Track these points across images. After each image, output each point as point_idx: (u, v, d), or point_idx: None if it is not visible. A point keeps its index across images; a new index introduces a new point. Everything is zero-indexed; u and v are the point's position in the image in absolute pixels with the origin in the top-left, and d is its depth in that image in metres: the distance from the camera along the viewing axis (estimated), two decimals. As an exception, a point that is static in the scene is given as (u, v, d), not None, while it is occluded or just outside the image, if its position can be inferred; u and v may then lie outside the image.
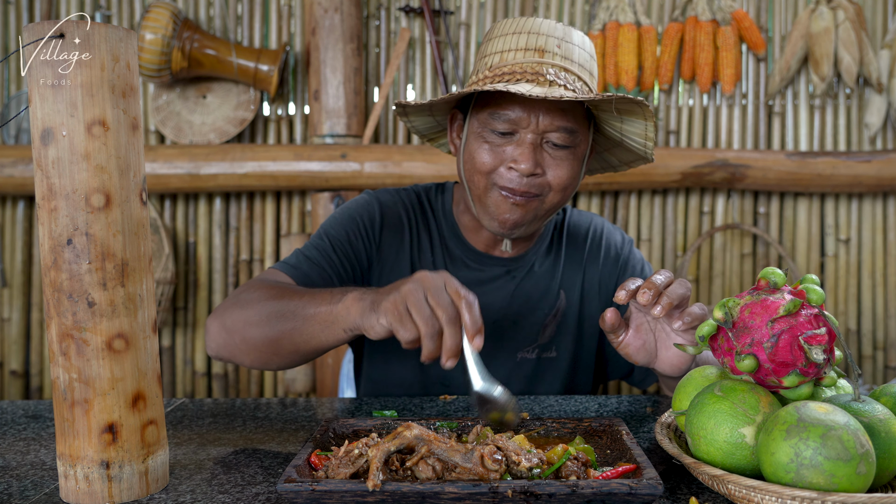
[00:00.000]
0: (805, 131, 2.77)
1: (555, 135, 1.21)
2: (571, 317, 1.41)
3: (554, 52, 1.21)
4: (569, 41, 1.23)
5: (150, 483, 0.82)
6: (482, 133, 1.24)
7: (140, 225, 0.80)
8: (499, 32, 1.26)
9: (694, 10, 2.70)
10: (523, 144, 1.21)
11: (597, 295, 1.43)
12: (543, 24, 1.23)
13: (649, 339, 1.08)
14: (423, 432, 0.79)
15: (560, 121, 1.20)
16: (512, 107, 1.20)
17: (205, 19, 2.74)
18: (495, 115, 1.21)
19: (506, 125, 1.21)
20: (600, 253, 1.44)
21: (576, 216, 1.49)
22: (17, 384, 2.73)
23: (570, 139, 1.22)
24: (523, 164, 1.19)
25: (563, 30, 1.23)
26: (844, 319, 2.80)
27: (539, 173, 1.22)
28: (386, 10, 2.77)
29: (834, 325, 0.80)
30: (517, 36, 1.23)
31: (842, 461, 0.69)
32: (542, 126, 1.20)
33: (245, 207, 2.75)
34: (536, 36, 1.22)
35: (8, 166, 2.53)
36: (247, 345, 1.16)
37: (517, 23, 1.25)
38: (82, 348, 0.77)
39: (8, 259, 2.73)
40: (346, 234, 1.36)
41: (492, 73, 1.22)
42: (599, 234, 1.47)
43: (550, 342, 1.39)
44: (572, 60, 1.22)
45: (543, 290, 1.40)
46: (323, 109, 2.60)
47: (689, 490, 0.82)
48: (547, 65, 1.20)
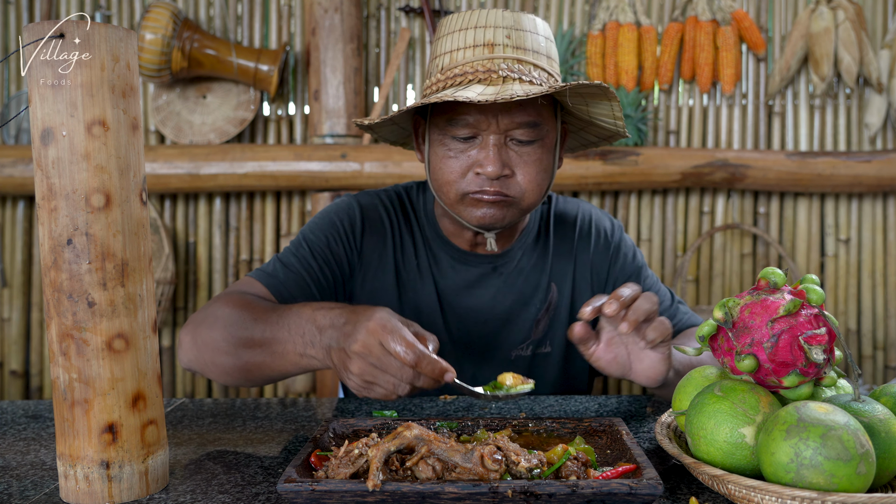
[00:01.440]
0: (805, 131, 2.77)
1: (518, 131, 1.17)
2: (564, 309, 1.38)
3: (504, 45, 1.15)
4: (519, 28, 1.17)
5: (150, 483, 0.82)
6: (443, 141, 1.20)
7: (140, 225, 0.80)
8: (447, 30, 1.20)
9: (694, 10, 2.70)
10: (486, 147, 1.16)
11: (589, 284, 1.40)
12: (490, 15, 1.17)
13: (621, 353, 1.08)
14: (423, 432, 0.79)
15: (521, 116, 1.15)
16: (468, 110, 1.15)
17: (205, 19, 2.74)
18: (453, 122, 1.17)
19: (465, 130, 1.16)
20: (590, 240, 1.41)
21: (562, 204, 1.46)
22: (17, 384, 2.73)
23: (535, 132, 1.18)
24: (489, 166, 1.15)
25: (513, 17, 1.17)
26: (844, 319, 2.80)
27: (508, 174, 1.18)
28: (386, 10, 2.78)
29: (834, 325, 0.80)
30: (464, 32, 1.17)
31: (842, 461, 0.69)
32: (503, 125, 1.16)
33: (245, 207, 2.75)
34: (484, 30, 1.16)
35: (8, 166, 2.53)
36: (217, 368, 1.15)
37: (464, 17, 1.19)
38: (82, 348, 0.77)
39: (8, 259, 2.73)
40: (325, 238, 1.33)
41: (443, 76, 1.17)
42: (588, 221, 1.43)
43: (544, 337, 1.38)
44: (525, 49, 1.16)
45: (534, 285, 1.37)
46: (323, 109, 2.60)
47: (689, 490, 0.82)
48: (498, 59, 1.14)
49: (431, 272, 1.36)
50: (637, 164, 2.57)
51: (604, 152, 2.57)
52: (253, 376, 1.13)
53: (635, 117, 2.64)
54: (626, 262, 1.42)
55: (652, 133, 2.77)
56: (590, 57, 2.69)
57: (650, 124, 2.75)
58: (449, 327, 1.36)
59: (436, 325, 1.35)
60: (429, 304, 1.35)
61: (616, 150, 2.58)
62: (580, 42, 2.73)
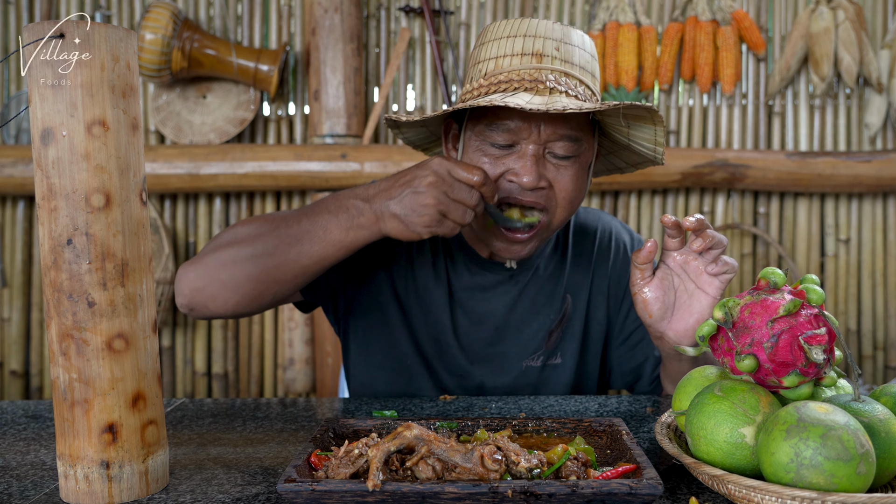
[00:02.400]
0: (805, 131, 2.77)
1: (558, 144, 1.15)
2: (577, 322, 1.36)
3: (553, 56, 1.14)
4: (568, 42, 1.16)
5: (150, 483, 0.82)
6: (480, 146, 1.18)
7: (140, 225, 0.80)
8: (492, 36, 1.19)
9: (694, 10, 2.70)
10: (525, 156, 1.14)
11: (605, 297, 1.38)
12: (540, 26, 1.16)
13: (669, 296, 1.06)
14: (423, 432, 0.79)
15: (563, 129, 1.14)
16: (511, 117, 1.13)
17: (205, 19, 2.74)
18: (493, 127, 1.15)
19: (505, 137, 1.14)
20: (610, 254, 1.39)
21: (583, 215, 1.44)
22: (17, 384, 2.73)
23: (575, 148, 1.16)
24: (525, 176, 1.13)
25: (562, 30, 1.16)
26: (844, 319, 2.80)
27: (544, 186, 1.16)
28: (386, 10, 2.78)
29: (834, 325, 0.80)
30: (512, 39, 1.16)
31: (842, 461, 0.69)
32: (544, 136, 1.14)
33: (245, 207, 2.75)
34: (533, 39, 1.15)
35: (8, 166, 2.53)
36: (237, 280, 1.13)
37: (512, 25, 1.17)
38: (82, 348, 0.77)
39: (8, 259, 2.73)
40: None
41: (487, 82, 1.15)
42: (609, 234, 1.41)
43: (556, 348, 1.35)
44: (573, 63, 1.15)
45: (548, 295, 1.35)
46: (323, 109, 2.60)
47: (689, 490, 0.82)
48: (546, 70, 1.13)
49: (447, 272, 1.34)
50: (637, 164, 2.57)
51: (604, 152, 2.57)
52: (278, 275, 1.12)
53: (635, 117, 2.64)
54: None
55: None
56: (590, 57, 2.69)
57: (650, 124, 2.75)
58: (457, 330, 1.34)
59: (443, 325, 1.33)
60: (438, 304, 1.33)
61: (616, 150, 2.58)
62: (580, 42, 2.74)
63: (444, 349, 1.34)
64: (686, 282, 1.06)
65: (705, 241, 1.01)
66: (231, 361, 2.78)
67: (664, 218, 1.00)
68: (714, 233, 1.01)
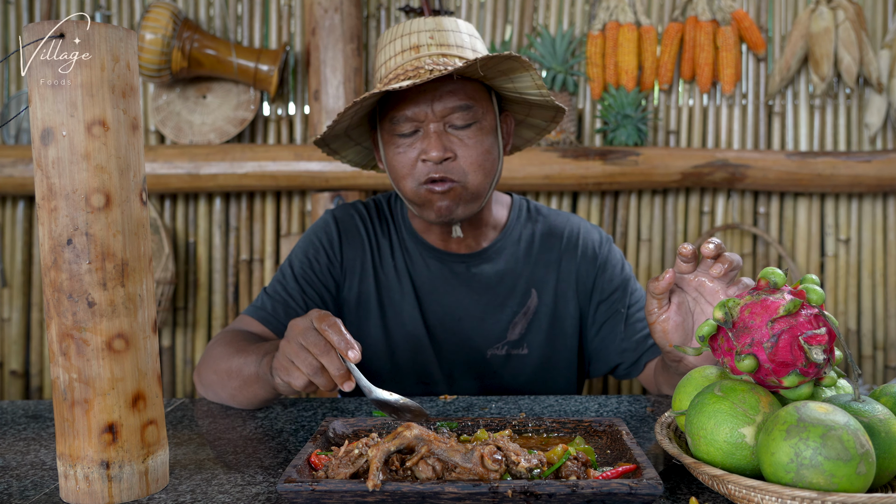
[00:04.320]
0: (805, 131, 2.77)
1: (454, 116, 1.25)
2: (544, 316, 1.42)
3: (428, 44, 1.26)
4: (441, 29, 1.27)
5: (150, 483, 0.82)
6: (391, 140, 1.29)
7: (140, 225, 0.80)
8: (381, 45, 1.32)
9: (694, 10, 2.70)
10: (428, 135, 1.26)
11: (574, 293, 1.44)
12: (414, 23, 1.28)
13: (688, 320, 1.06)
14: (423, 432, 0.79)
15: (453, 102, 1.24)
16: (406, 106, 1.25)
17: (205, 19, 2.74)
18: (395, 120, 1.27)
19: (407, 125, 1.26)
20: (577, 251, 1.45)
21: (553, 218, 1.50)
22: (17, 384, 2.73)
23: (471, 115, 1.26)
24: (432, 151, 1.24)
25: (434, 21, 1.28)
26: (844, 319, 2.80)
27: (450, 156, 1.26)
28: (386, 10, 2.78)
29: (834, 325, 0.80)
30: (393, 42, 1.29)
31: (842, 461, 0.69)
32: (438, 113, 1.25)
33: (245, 207, 2.75)
34: (409, 36, 1.27)
35: (8, 166, 2.53)
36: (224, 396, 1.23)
37: (393, 30, 1.30)
38: (82, 348, 0.77)
39: (8, 259, 2.73)
40: (307, 259, 1.42)
41: (381, 85, 1.27)
42: (576, 233, 1.47)
43: (521, 339, 1.41)
44: (449, 45, 1.26)
45: (510, 288, 1.42)
46: (323, 109, 2.60)
47: (689, 490, 0.82)
48: (424, 57, 1.25)
49: (408, 271, 1.42)
50: (637, 164, 2.57)
51: (603, 152, 2.57)
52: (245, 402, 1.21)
53: (635, 117, 2.64)
54: (614, 274, 1.45)
55: (652, 133, 2.77)
56: (590, 57, 2.69)
57: (650, 124, 2.75)
58: (428, 325, 1.41)
59: (416, 323, 1.41)
60: (409, 304, 1.41)
61: (616, 150, 2.58)
62: (580, 42, 2.73)
63: (417, 344, 1.41)
64: (703, 304, 1.05)
65: (725, 266, 1.00)
66: (231, 361, 2.78)
67: (682, 249, 1.00)
68: (731, 255, 1.01)
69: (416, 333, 1.41)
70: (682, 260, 1.03)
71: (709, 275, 1.02)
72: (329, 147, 1.38)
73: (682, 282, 1.05)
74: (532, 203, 1.52)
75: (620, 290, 1.44)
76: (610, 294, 1.44)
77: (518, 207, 1.49)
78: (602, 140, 2.73)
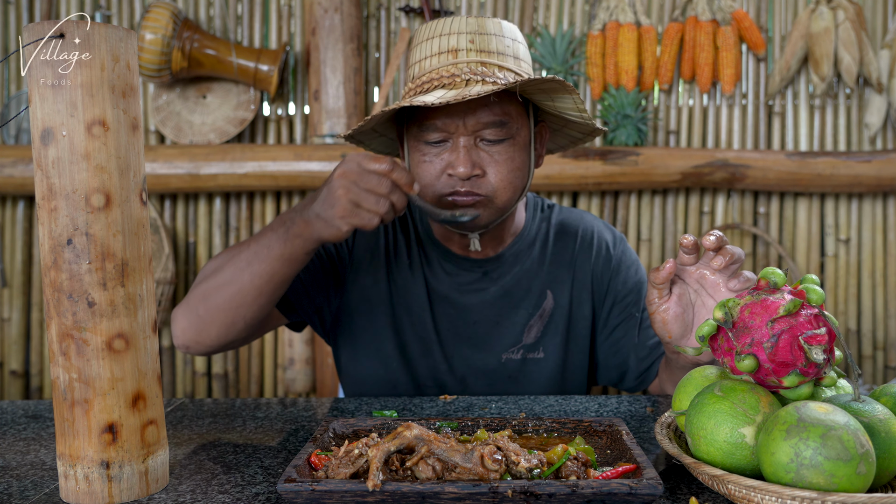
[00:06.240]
0: (805, 131, 2.77)
1: (486, 131, 1.20)
2: (560, 317, 1.38)
3: (468, 49, 1.20)
4: (483, 33, 1.21)
5: (150, 483, 0.82)
6: (418, 147, 1.25)
7: (140, 225, 0.80)
8: (417, 40, 1.26)
9: (694, 10, 2.70)
10: (457, 149, 1.20)
11: (589, 294, 1.40)
12: (454, 23, 1.21)
13: (688, 311, 1.05)
14: (423, 432, 0.79)
15: (487, 116, 1.19)
16: (437, 115, 1.19)
17: (205, 19, 2.74)
18: (424, 128, 1.21)
19: (436, 135, 1.21)
20: (592, 252, 1.41)
21: (565, 214, 1.47)
22: (17, 384, 2.73)
23: (504, 131, 1.21)
24: (460, 167, 1.19)
25: (476, 22, 1.21)
26: (844, 319, 2.80)
27: (479, 174, 1.21)
28: (386, 10, 2.78)
29: (834, 325, 0.80)
30: (431, 41, 1.22)
31: (842, 461, 0.69)
32: (470, 127, 1.19)
33: (245, 207, 2.75)
34: (448, 37, 1.21)
35: (8, 166, 2.53)
36: (211, 312, 1.19)
37: (432, 27, 1.23)
38: (82, 348, 0.77)
39: (8, 259, 2.73)
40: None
41: (414, 85, 1.22)
42: (590, 233, 1.44)
43: (537, 342, 1.37)
44: (489, 52, 1.20)
45: (525, 290, 1.38)
46: (323, 109, 2.60)
47: (689, 490, 0.82)
48: (462, 63, 1.19)
49: (423, 271, 1.38)
50: (637, 164, 2.57)
51: (603, 152, 2.57)
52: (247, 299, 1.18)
53: (635, 117, 2.64)
54: (628, 276, 1.42)
55: (652, 133, 2.77)
56: (590, 57, 2.69)
57: (650, 124, 2.75)
58: (438, 326, 1.38)
59: (425, 322, 1.37)
60: (419, 302, 1.37)
61: (616, 150, 2.58)
62: (580, 42, 2.73)
63: (427, 347, 1.38)
64: (704, 297, 1.05)
65: (726, 259, 1.00)
66: (231, 361, 2.78)
67: (683, 240, 1.00)
68: (733, 248, 1.00)
69: (426, 337, 1.38)
70: (683, 251, 1.02)
71: (710, 267, 1.02)
72: (355, 139, 1.35)
73: (683, 273, 1.05)
74: (545, 201, 1.49)
75: (634, 293, 1.40)
76: (624, 297, 1.40)
77: (534, 207, 1.45)
78: (602, 140, 2.73)
